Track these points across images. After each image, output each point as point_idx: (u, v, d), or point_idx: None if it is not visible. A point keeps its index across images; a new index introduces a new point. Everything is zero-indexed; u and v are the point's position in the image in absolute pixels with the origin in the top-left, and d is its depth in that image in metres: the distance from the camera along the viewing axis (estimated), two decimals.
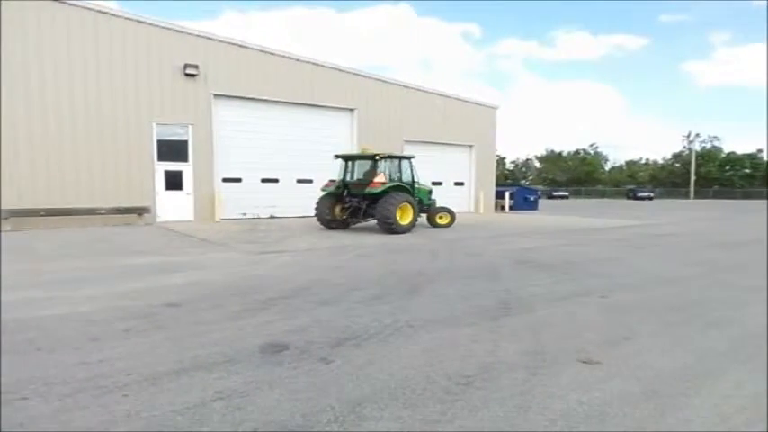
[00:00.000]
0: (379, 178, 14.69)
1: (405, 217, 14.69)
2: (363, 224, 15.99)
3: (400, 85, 24.13)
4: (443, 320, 5.36)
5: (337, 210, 15.44)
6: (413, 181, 15.81)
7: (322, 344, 4.48)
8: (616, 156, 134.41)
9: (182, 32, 18.10)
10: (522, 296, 6.61)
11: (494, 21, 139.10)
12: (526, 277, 8.07)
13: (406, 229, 14.63)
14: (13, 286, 6.94)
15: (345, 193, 15.46)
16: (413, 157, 16.30)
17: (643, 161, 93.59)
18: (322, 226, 15.51)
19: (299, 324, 5.12)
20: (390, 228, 14.13)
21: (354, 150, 20.05)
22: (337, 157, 16.04)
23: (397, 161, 15.76)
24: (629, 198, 63.29)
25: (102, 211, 16.45)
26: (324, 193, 15.50)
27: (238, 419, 3.04)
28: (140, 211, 17.12)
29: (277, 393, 3.43)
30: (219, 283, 7.37)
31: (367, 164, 15.53)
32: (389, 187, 14.69)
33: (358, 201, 15.07)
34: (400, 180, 15.35)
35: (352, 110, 22.20)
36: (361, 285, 7.18)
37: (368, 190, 14.49)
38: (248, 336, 4.70)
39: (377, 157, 15.01)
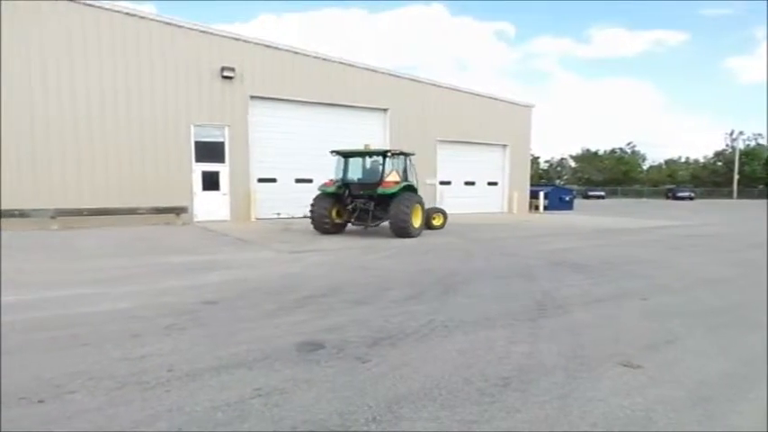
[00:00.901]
0: (393, 177, 13.48)
1: (416, 219, 13.59)
2: (354, 227, 14.65)
3: (433, 85, 24.03)
4: (479, 321, 5.31)
5: (335, 211, 13.92)
6: (416, 180, 14.63)
7: (358, 343, 4.50)
8: (654, 155, 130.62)
9: (219, 36, 18.47)
10: (559, 297, 6.49)
11: (528, 19, 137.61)
12: (562, 278, 7.93)
13: (418, 233, 13.57)
14: (60, 283, 7.21)
15: (346, 194, 13.91)
16: (413, 155, 14.80)
17: (683, 160, 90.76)
18: (316, 230, 13.90)
19: (335, 323, 5.15)
20: (406, 231, 12.96)
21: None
22: (335, 153, 14.38)
23: (403, 158, 14.28)
24: (668, 198, 61.45)
25: (142, 211, 16.92)
26: (321, 192, 13.93)
27: (277, 417, 3.08)
28: (178, 211, 17.53)
29: (315, 392, 3.46)
30: (255, 281, 7.48)
31: (372, 161, 14.33)
32: (401, 187, 13.50)
33: (364, 202, 13.69)
34: (406, 179, 14.09)
35: (384, 110, 22.23)
36: (395, 285, 7.18)
37: (381, 190, 13.22)
38: (285, 334, 4.76)
39: (389, 154, 13.78)
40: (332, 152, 14.40)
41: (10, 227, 14.97)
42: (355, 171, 14.42)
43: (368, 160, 14.45)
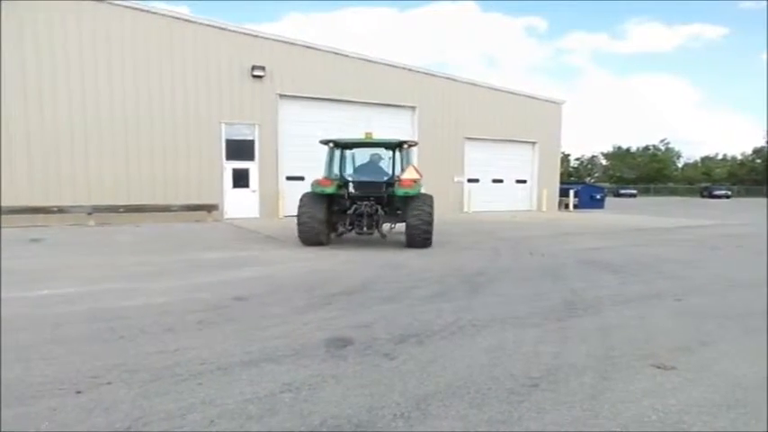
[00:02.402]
0: (410, 174, 11.00)
1: None
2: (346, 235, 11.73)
3: (462, 82, 23.89)
4: (507, 320, 5.27)
5: (330, 217, 11.18)
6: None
7: (386, 340, 4.53)
8: (690, 152, 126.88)
9: (249, 35, 18.76)
10: (589, 297, 6.40)
11: (560, 14, 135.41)
12: (593, 278, 7.81)
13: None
14: (98, 278, 7.43)
15: (346, 195, 11.24)
16: (417, 144, 12.97)
17: (720, 157, 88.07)
18: (304, 243, 10.93)
19: (363, 320, 5.19)
20: (428, 240, 10.74)
21: None
22: (327, 143, 11.62)
23: (408, 151, 12.04)
24: (703, 196, 59.75)
25: (175, 208, 17.31)
26: (314, 192, 10.86)
27: (306, 411, 3.12)
28: (209, 208, 17.87)
29: (343, 387, 3.49)
30: (284, 277, 7.59)
31: (379, 154, 11.92)
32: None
33: (370, 205, 10.84)
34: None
35: (413, 107, 22.20)
36: (423, 283, 7.18)
37: (401, 191, 10.65)
38: (313, 330, 4.82)
39: (404, 146, 11.47)
40: (323, 141, 11.78)
41: (50, 222, 15.51)
42: (357, 166, 12.10)
43: (372, 153, 12.02)
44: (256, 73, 18.41)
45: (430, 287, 6.89)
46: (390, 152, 11.67)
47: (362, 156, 12.11)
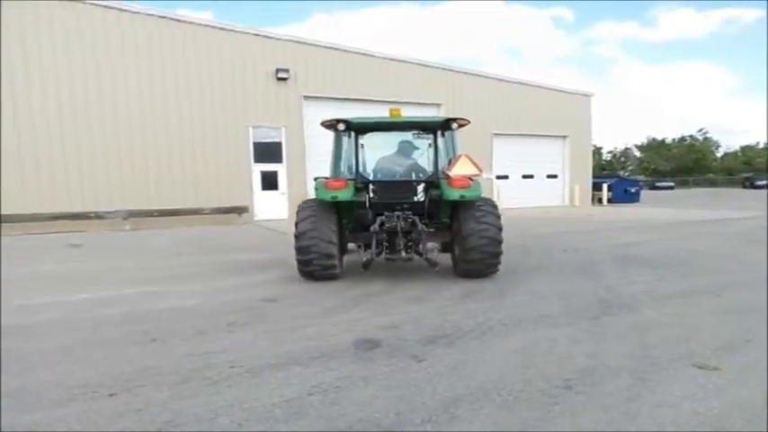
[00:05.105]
0: (466, 167, 7.10)
1: None
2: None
3: (488, 77, 23.64)
4: (539, 319, 5.15)
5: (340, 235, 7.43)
6: None
7: (414, 341, 4.47)
8: (729, 141, 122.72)
9: (272, 38, 18.98)
10: (625, 294, 6.21)
11: (587, 4, 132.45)
12: (628, 274, 7.59)
13: None
14: (133, 282, 7.60)
15: (366, 202, 7.72)
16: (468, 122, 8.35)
17: (761, 146, 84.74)
18: (308, 278, 7.19)
19: (392, 321, 5.15)
20: (495, 267, 7.23)
21: None
22: (334, 125, 7.58)
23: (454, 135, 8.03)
24: (745, 187, 57.59)
25: (206, 211, 17.64)
26: (321, 198, 7.18)
27: (334, 414, 3.10)
28: (239, 211, 18.14)
29: (371, 390, 3.46)
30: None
31: (410, 141, 8.24)
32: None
33: (405, 216, 7.16)
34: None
35: (438, 105, 22.05)
36: (451, 283, 7.08)
37: (455, 193, 6.99)
38: (342, 331, 4.80)
39: (455, 124, 7.65)
40: (327, 124, 7.76)
41: (89, 228, 15.99)
42: (380, 159, 8.35)
43: (402, 139, 8.29)
44: (281, 75, 18.60)
45: (458, 286, 6.79)
46: (430, 136, 7.98)
47: (387, 143, 8.38)
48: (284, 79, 18.74)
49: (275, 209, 19.01)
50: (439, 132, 7.97)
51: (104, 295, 6.67)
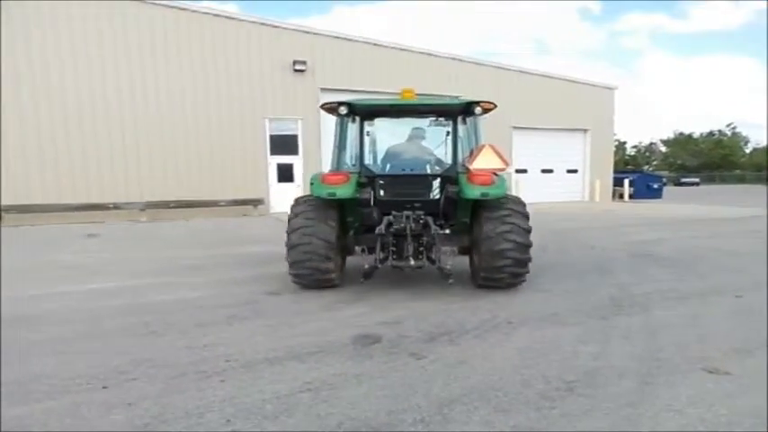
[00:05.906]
0: (490, 160, 6.17)
1: None
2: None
3: (508, 69, 23.26)
4: (546, 318, 5.01)
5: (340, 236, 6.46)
6: None
7: (415, 338, 4.38)
8: (759, 136, 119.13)
9: (289, 29, 18.90)
10: (638, 293, 6.02)
11: None
12: (644, 272, 7.37)
13: None
14: (142, 273, 7.65)
15: (372, 199, 6.40)
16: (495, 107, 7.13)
17: None
18: (303, 285, 6.29)
19: (394, 316, 5.05)
20: (521, 276, 6.11)
21: None
22: (335, 109, 6.41)
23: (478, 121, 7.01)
24: None
25: (222, 203, 17.73)
26: (319, 194, 6.38)
27: (324, 412, 3.02)
28: (255, 203, 18.19)
29: (365, 388, 3.37)
30: None
31: (423, 128, 7.18)
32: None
33: (416, 217, 6.06)
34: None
35: (457, 97, 21.74)
36: (457, 279, 6.93)
37: (477, 190, 5.88)
38: (343, 327, 4.72)
39: (478, 109, 6.47)
40: (327, 107, 6.61)
41: (106, 219, 16.21)
42: (389, 149, 7.30)
43: (415, 126, 7.27)
44: (298, 67, 18.54)
45: (467, 283, 6.65)
46: (449, 123, 6.80)
47: (396, 130, 7.43)
48: (301, 71, 18.68)
49: (291, 201, 18.98)
50: (459, 118, 6.77)
51: (113, 286, 6.71)
